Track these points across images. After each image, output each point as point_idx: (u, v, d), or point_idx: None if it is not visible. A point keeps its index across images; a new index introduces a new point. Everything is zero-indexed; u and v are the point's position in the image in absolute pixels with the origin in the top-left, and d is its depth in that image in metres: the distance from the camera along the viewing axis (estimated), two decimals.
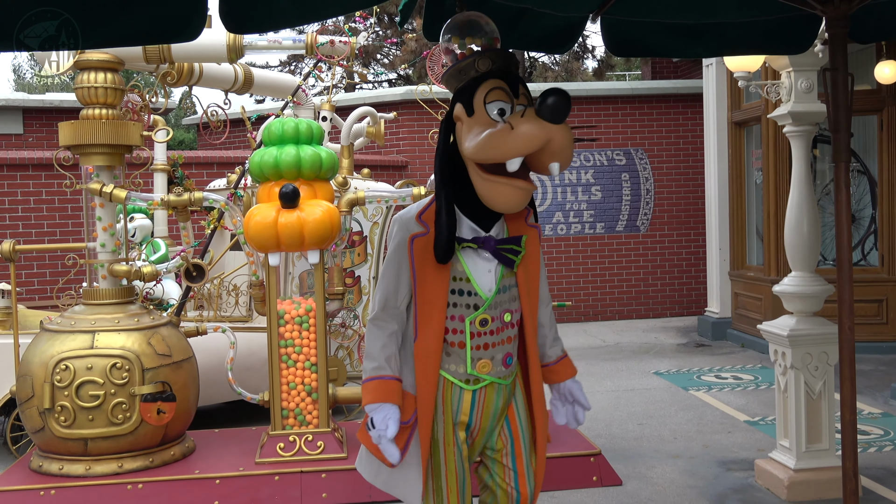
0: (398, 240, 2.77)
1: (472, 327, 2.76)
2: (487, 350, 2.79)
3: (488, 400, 2.83)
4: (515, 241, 2.77)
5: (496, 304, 2.77)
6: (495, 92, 2.66)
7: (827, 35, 3.41)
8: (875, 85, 8.64)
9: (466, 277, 2.74)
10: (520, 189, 2.62)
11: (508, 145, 2.55)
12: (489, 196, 2.65)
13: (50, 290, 8.32)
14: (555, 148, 2.56)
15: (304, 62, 20.64)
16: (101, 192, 4.94)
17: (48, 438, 4.71)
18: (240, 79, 6.37)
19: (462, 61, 2.74)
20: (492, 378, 2.81)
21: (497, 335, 2.79)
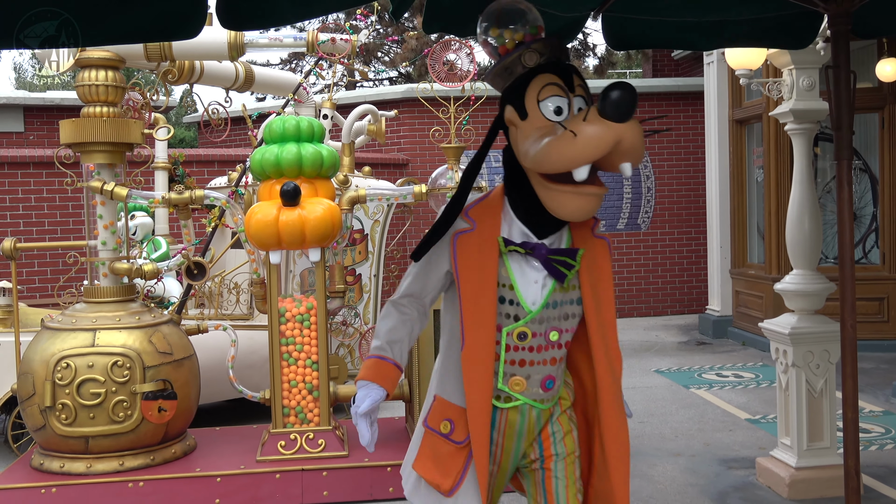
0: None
1: (509, 339, 2.49)
2: (523, 367, 2.51)
3: (511, 420, 2.56)
4: (571, 253, 2.49)
5: (542, 320, 2.49)
6: (549, 88, 2.42)
7: (829, 32, 3.40)
8: (876, 83, 8.64)
9: (510, 284, 2.48)
10: (589, 196, 2.36)
11: (573, 154, 2.29)
12: (555, 206, 2.40)
13: (51, 288, 8.31)
14: (625, 148, 2.30)
15: (305, 60, 20.62)
16: (101, 190, 4.94)
17: (49, 436, 4.71)
18: (241, 77, 6.36)
19: (506, 58, 2.50)
20: (525, 399, 2.54)
21: (538, 353, 2.51)
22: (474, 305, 2.46)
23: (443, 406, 2.59)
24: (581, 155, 2.29)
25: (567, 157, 2.30)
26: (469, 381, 2.46)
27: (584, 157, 2.29)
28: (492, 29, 2.53)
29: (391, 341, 2.57)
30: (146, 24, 2.76)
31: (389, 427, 5.58)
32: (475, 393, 2.46)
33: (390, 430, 5.50)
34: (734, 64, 5.66)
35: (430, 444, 2.61)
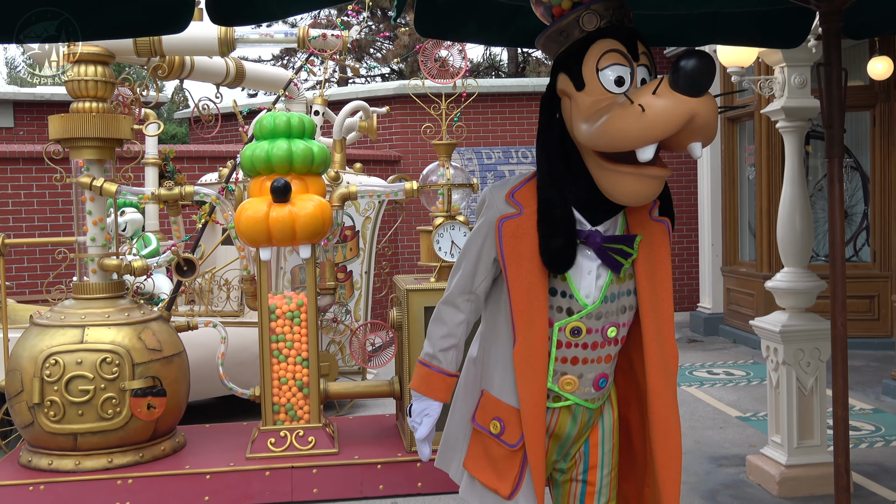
0: (485, 218, 2.33)
1: (561, 335, 2.30)
2: (576, 366, 2.33)
3: (562, 422, 2.40)
4: (628, 240, 2.28)
5: (599, 315, 2.30)
6: (610, 55, 2.17)
7: (821, 30, 3.40)
8: (868, 81, 8.65)
9: (562, 276, 2.27)
10: (652, 178, 2.15)
11: (639, 131, 2.04)
12: (613, 189, 2.17)
13: (40, 285, 8.28)
14: (699, 125, 2.06)
15: (296, 56, 20.58)
16: (91, 186, 4.91)
17: (37, 433, 4.69)
18: (231, 72, 6.34)
19: (562, 19, 2.24)
20: (576, 399, 2.36)
21: (592, 350, 2.33)
22: (524, 298, 2.26)
23: (491, 403, 2.40)
24: (649, 132, 2.04)
25: (632, 134, 2.06)
26: (523, 382, 2.28)
27: (652, 134, 2.05)
28: None
29: (444, 349, 2.41)
30: (133, 18, 2.74)
31: (380, 424, 5.57)
32: (529, 396, 2.28)
33: (381, 427, 5.49)
34: (726, 61, 5.66)
35: (480, 444, 2.43)
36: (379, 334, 5.53)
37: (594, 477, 2.46)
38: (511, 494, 2.33)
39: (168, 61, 5.53)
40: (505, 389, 2.35)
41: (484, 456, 2.41)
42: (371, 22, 20.03)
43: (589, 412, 2.42)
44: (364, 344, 5.35)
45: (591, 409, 2.42)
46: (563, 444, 2.45)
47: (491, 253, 2.33)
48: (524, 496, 2.33)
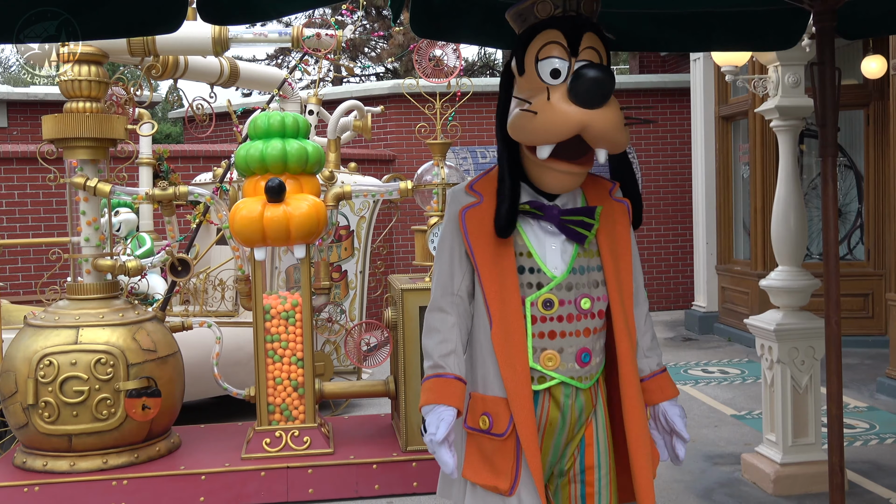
0: (448, 214, 2.39)
1: (534, 310, 2.29)
2: (554, 340, 2.31)
3: (553, 405, 2.35)
4: (588, 212, 2.32)
5: (569, 286, 2.31)
6: (550, 47, 2.21)
7: (814, 29, 3.41)
8: (861, 80, 8.66)
9: (528, 252, 2.32)
10: (566, 174, 2.24)
11: (532, 133, 2.18)
12: (534, 175, 2.29)
13: (34, 285, 8.26)
14: (594, 135, 2.14)
15: (290, 55, 20.56)
16: (85, 186, 4.90)
17: (32, 434, 4.68)
18: (225, 72, 6.33)
19: (520, 3, 2.30)
20: (560, 377, 2.32)
21: (569, 323, 2.31)
22: (495, 279, 2.30)
23: (477, 402, 2.38)
24: (539, 136, 2.16)
25: (526, 134, 2.20)
26: (504, 360, 2.28)
27: (540, 139, 2.16)
28: None
29: (443, 355, 2.35)
30: (127, 18, 2.74)
31: (375, 424, 5.57)
32: (511, 370, 2.28)
33: (376, 426, 5.49)
34: (720, 61, 5.67)
35: (475, 446, 2.39)
36: (374, 334, 5.52)
37: (592, 477, 2.43)
38: (512, 489, 2.29)
39: (162, 61, 5.52)
40: (488, 381, 2.34)
41: (479, 457, 2.37)
42: (365, 21, 20.02)
43: (577, 395, 2.36)
44: (359, 343, 5.35)
45: (580, 391, 2.37)
46: (557, 441, 2.40)
47: (461, 247, 2.36)
48: (525, 487, 2.29)
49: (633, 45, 4.43)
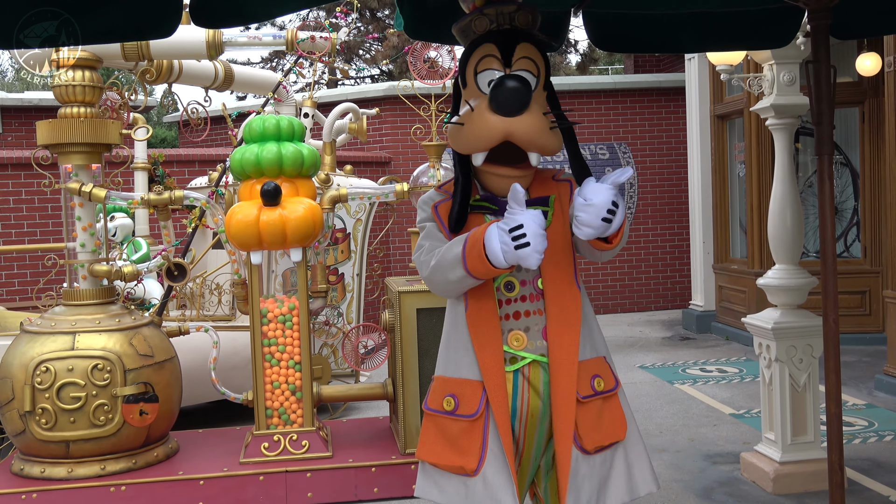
0: (423, 214, 2.53)
1: (498, 293, 2.42)
2: (519, 319, 2.43)
3: (534, 384, 2.42)
4: (542, 202, 2.44)
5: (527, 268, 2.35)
6: (486, 60, 2.35)
7: (809, 27, 3.40)
8: (856, 77, 8.67)
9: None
10: (507, 178, 2.36)
11: (462, 142, 2.36)
12: (481, 180, 2.46)
13: (30, 291, 8.24)
14: (520, 141, 2.28)
15: (285, 58, 20.55)
16: (80, 192, 4.89)
17: (29, 441, 4.66)
18: (220, 76, 6.31)
19: (461, 21, 2.45)
20: (530, 355, 2.42)
21: (531, 302, 2.43)
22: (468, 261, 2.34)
23: (443, 384, 2.47)
24: (468, 145, 2.33)
25: (459, 145, 2.38)
26: (479, 341, 2.37)
27: (471, 147, 2.33)
28: None
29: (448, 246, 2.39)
30: (121, 23, 2.74)
31: (374, 427, 5.56)
32: (487, 350, 2.37)
33: (375, 429, 5.48)
34: (715, 59, 5.67)
35: (434, 428, 2.46)
36: (371, 336, 5.51)
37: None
38: (477, 469, 2.35)
39: (156, 65, 5.51)
40: (460, 364, 2.42)
41: (439, 438, 2.43)
42: (360, 23, 20.01)
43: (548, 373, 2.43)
44: (356, 346, 5.34)
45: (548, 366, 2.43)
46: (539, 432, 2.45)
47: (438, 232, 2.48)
48: (491, 466, 2.34)
49: (627, 46, 4.44)
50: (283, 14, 3.08)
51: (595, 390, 2.48)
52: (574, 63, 22.38)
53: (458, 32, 2.49)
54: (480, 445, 2.35)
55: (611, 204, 2.18)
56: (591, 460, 2.43)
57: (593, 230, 2.21)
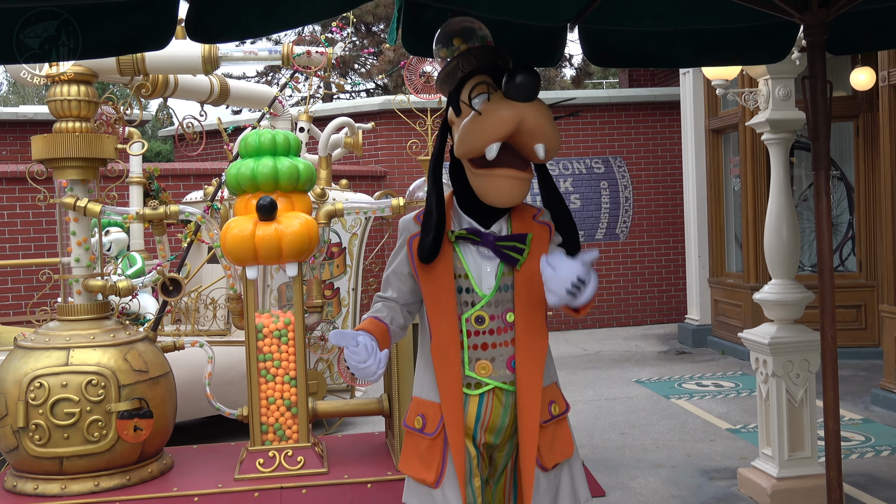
0: (400, 241, 2.77)
1: (469, 325, 2.63)
2: (486, 350, 2.64)
3: (496, 409, 2.65)
4: (520, 238, 2.63)
5: (496, 303, 2.63)
6: (480, 87, 2.57)
7: (805, 42, 3.41)
8: (850, 91, 8.70)
9: (465, 274, 2.65)
10: (513, 178, 2.54)
11: (480, 132, 2.48)
12: (484, 191, 2.58)
13: (24, 306, 8.21)
14: (529, 127, 2.46)
15: (280, 73, 20.58)
16: (75, 207, 4.87)
17: (22, 458, 4.63)
18: (216, 90, 6.31)
19: (448, 64, 2.68)
20: (494, 382, 2.64)
21: (498, 335, 2.64)
22: (436, 299, 2.63)
23: (417, 404, 2.74)
24: (487, 133, 2.46)
25: (476, 136, 2.49)
26: (440, 369, 2.61)
27: (489, 134, 2.46)
28: (442, 48, 2.73)
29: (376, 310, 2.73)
30: (114, 36, 2.73)
31: (369, 442, 5.53)
32: (446, 378, 2.61)
33: (370, 445, 5.45)
34: (710, 74, 5.69)
35: (410, 443, 2.75)
36: None
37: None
38: (437, 482, 2.64)
39: (152, 80, 5.50)
40: (425, 387, 2.69)
41: (414, 453, 2.73)
42: (355, 38, 20.05)
43: (511, 396, 2.66)
44: None
45: (512, 391, 2.65)
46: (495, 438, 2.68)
47: (405, 270, 2.73)
48: (448, 482, 2.63)
49: (622, 61, 4.45)
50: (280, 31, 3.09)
51: (552, 414, 2.71)
52: (569, 77, 22.45)
53: (444, 78, 2.70)
54: (440, 462, 2.64)
55: (575, 278, 2.33)
56: (548, 476, 2.69)
57: (557, 299, 2.38)
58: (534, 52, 3.87)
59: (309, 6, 2.94)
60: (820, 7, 3.27)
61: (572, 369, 9.14)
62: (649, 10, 3.78)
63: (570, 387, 8.13)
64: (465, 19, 2.75)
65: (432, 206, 2.63)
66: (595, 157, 12.29)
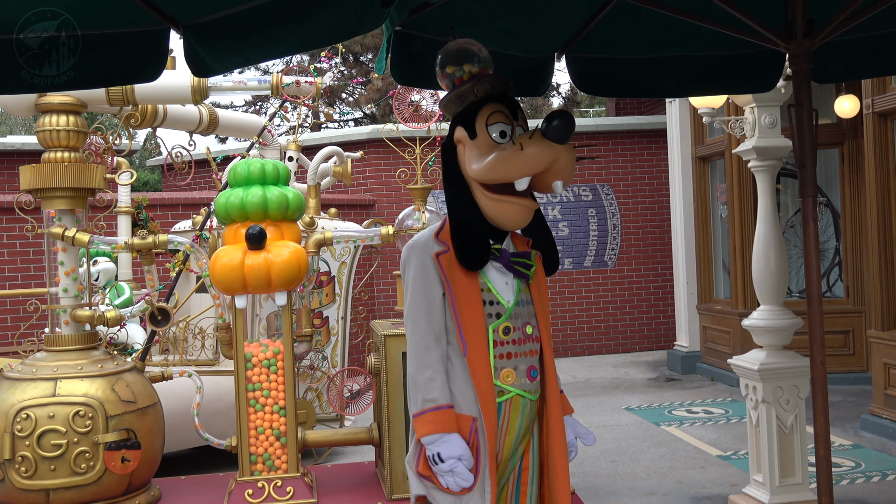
0: (421, 262, 2.80)
1: (496, 335, 2.79)
2: (511, 360, 2.81)
3: (514, 413, 2.81)
4: (526, 255, 2.86)
5: (517, 315, 2.82)
6: (496, 115, 2.77)
7: (790, 71, 3.45)
8: (835, 119, 8.78)
9: (488, 287, 2.81)
10: (526, 207, 2.75)
11: (518, 165, 2.66)
12: (496, 215, 2.75)
13: (11, 336, 8.15)
14: (560, 167, 2.70)
15: (269, 102, 20.63)
16: (63, 237, 4.86)
17: (8, 490, 4.58)
18: (205, 120, 6.32)
19: (461, 86, 2.84)
20: (516, 390, 2.81)
21: (520, 345, 2.83)
22: (470, 314, 2.75)
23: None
24: (525, 166, 2.67)
25: (513, 167, 2.67)
26: (477, 380, 2.72)
27: (527, 168, 2.67)
28: (448, 65, 2.87)
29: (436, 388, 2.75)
30: (105, 68, 2.74)
31: (359, 472, 5.49)
32: (484, 386, 2.73)
33: (360, 475, 5.42)
34: (697, 102, 5.73)
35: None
36: (356, 380, 5.47)
37: (526, 477, 2.90)
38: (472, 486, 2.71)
39: (141, 110, 5.50)
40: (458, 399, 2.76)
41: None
42: (343, 67, 20.14)
43: (531, 405, 2.85)
44: (342, 390, 5.30)
45: (530, 399, 2.84)
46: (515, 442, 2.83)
47: (439, 290, 2.79)
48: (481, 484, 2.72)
49: (610, 90, 4.48)
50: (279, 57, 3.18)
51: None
52: (557, 105, 22.58)
53: (454, 98, 2.85)
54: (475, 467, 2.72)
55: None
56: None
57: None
58: (521, 82, 3.90)
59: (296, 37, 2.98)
60: (805, 36, 3.31)
61: None
62: (636, 38, 3.82)
63: None
64: (467, 41, 2.90)
65: (468, 218, 2.78)
66: (583, 185, 12.34)
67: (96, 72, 2.83)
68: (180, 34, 2.89)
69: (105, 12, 2.78)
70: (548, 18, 3.67)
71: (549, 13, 3.64)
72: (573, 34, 3.77)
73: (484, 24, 3.59)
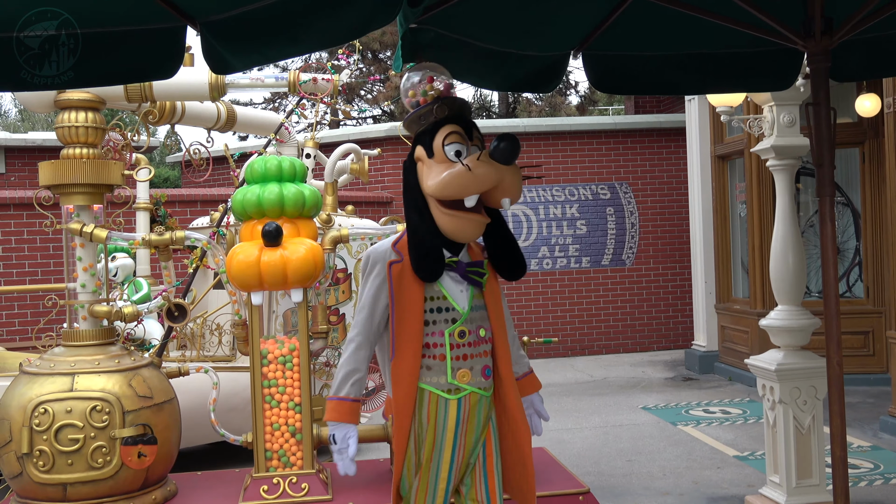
0: (378, 268, 3.09)
1: (452, 339, 3.05)
2: (466, 360, 3.08)
3: (472, 409, 3.09)
4: (479, 264, 3.12)
5: (471, 320, 3.07)
6: (452, 136, 3.00)
7: (809, 70, 3.42)
8: (856, 118, 8.71)
9: (443, 295, 3.06)
10: (476, 221, 2.99)
11: (466, 184, 2.90)
12: (450, 228, 2.99)
13: (30, 331, 8.22)
14: (506, 186, 2.94)
15: (287, 99, 20.69)
16: (81, 232, 4.88)
17: (26, 484, 4.61)
18: (222, 117, 6.34)
19: (422, 108, 3.07)
20: (472, 388, 3.08)
21: (475, 347, 3.09)
22: (406, 325, 3.02)
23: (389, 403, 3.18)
24: (472, 186, 2.90)
25: (462, 185, 2.90)
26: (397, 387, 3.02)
27: (474, 187, 2.91)
28: (412, 88, 3.09)
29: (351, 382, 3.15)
30: (123, 65, 2.76)
31: (374, 469, 5.50)
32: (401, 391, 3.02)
33: (375, 472, 5.42)
34: (715, 101, 5.70)
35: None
36: (371, 377, 5.48)
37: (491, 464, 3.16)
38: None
39: (159, 107, 5.53)
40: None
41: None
42: (362, 64, 20.16)
43: (483, 399, 3.12)
44: None
45: (485, 396, 3.12)
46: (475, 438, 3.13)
47: (384, 300, 3.08)
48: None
49: (628, 88, 4.46)
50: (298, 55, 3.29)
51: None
52: (574, 104, 22.52)
53: (414, 119, 3.09)
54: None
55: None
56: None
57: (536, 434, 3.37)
58: (532, 81, 3.90)
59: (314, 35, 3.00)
60: (823, 34, 3.28)
61: (578, 395, 9.10)
62: (652, 36, 3.80)
63: (577, 413, 8.09)
64: (429, 64, 3.14)
65: (424, 233, 3.02)
66: (601, 183, 12.30)
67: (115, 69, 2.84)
68: (197, 31, 2.91)
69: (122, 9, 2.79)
70: (564, 16, 3.65)
71: (566, 11, 3.62)
72: (590, 32, 3.75)
73: (501, 22, 3.59)
